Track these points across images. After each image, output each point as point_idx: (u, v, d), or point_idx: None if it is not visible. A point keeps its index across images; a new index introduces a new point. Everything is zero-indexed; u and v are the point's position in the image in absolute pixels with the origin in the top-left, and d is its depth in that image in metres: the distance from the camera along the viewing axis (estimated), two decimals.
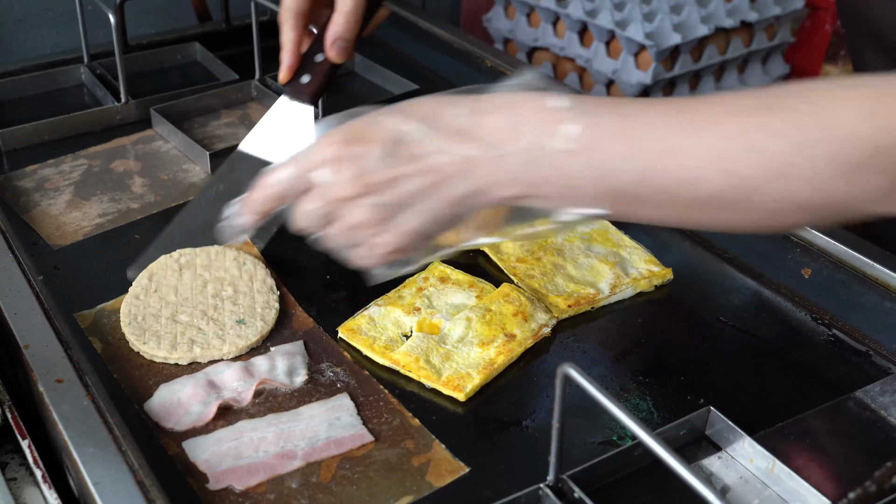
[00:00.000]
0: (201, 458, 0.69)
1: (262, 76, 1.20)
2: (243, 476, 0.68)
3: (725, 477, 0.67)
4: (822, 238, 0.87)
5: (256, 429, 0.71)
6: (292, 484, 0.67)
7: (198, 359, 0.77)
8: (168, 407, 0.73)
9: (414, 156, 0.65)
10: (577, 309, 0.84)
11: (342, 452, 0.70)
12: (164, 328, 0.79)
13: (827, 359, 0.81)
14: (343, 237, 0.69)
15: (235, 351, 0.78)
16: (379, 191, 0.65)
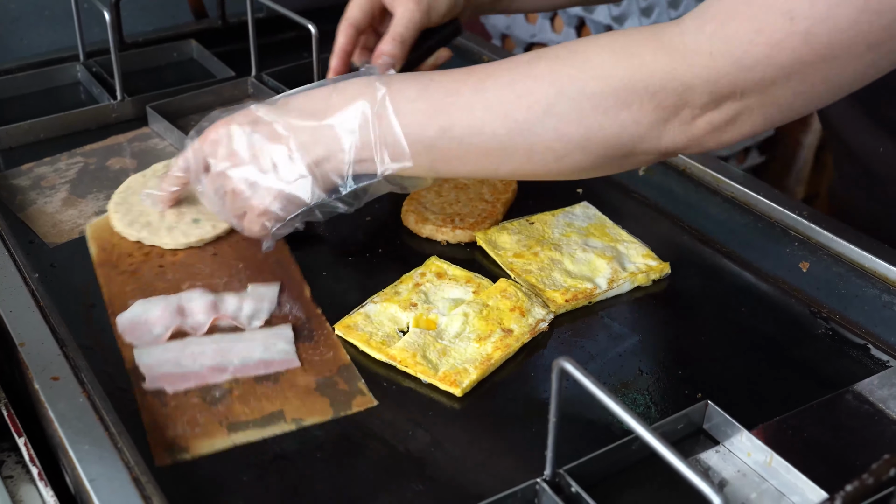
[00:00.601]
0: (145, 363, 0.76)
1: (258, 73, 1.20)
2: (176, 381, 0.75)
3: (723, 471, 0.67)
4: (820, 231, 0.87)
5: (200, 344, 0.78)
6: (216, 393, 0.74)
7: (143, 240, 0.89)
8: (136, 324, 0.80)
9: (270, 132, 0.78)
10: (574, 304, 0.83)
11: (268, 373, 0.76)
12: (135, 208, 0.91)
13: (825, 352, 0.81)
14: (231, 208, 0.82)
15: (173, 244, 0.88)
16: (243, 161, 0.79)
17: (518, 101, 0.70)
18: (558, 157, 0.71)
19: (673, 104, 0.66)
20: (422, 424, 0.72)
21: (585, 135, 0.69)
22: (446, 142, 0.73)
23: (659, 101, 0.66)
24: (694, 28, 0.66)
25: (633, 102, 0.67)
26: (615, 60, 0.67)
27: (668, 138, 0.68)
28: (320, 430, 0.71)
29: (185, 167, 0.85)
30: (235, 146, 0.80)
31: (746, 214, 0.92)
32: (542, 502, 0.63)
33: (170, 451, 0.69)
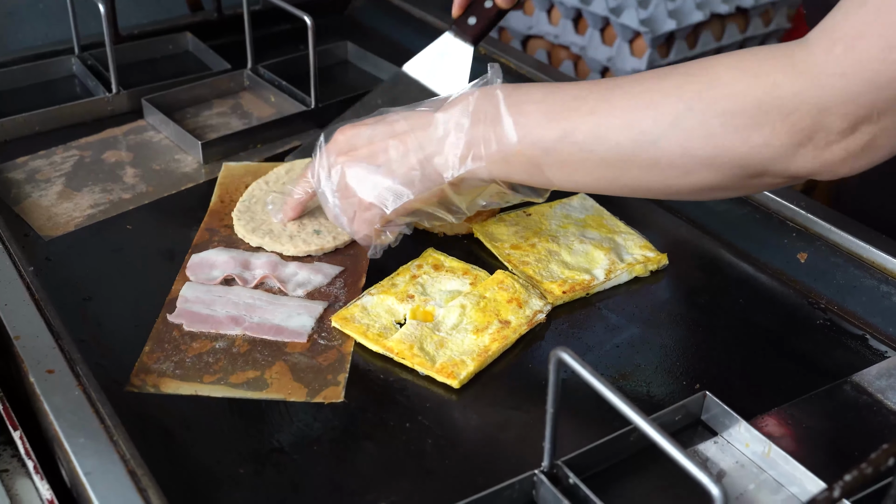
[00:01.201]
0: (185, 295, 0.82)
1: (254, 65, 1.19)
2: (194, 321, 0.80)
3: (721, 462, 0.67)
4: (818, 222, 0.87)
5: (238, 294, 0.83)
6: (218, 344, 0.78)
7: (265, 246, 0.89)
8: (203, 262, 0.86)
9: (392, 130, 0.79)
10: (571, 295, 0.83)
11: (275, 340, 0.78)
12: (258, 216, 0.92)
13: (823, 343, 0.81)
14: (343, 206, 0.81)
15: (294, 251, 0.88)
16: (360, 156, 0.80)
17: (644, 111, 0.68)
18: (682, 173, 0.69)
19: (808, 127, 0.63)
20: (419, 417, 0.72)
21: (713, 153, 0.66)
22: (566, 146, 0.71)
23: (793, 124, 0.63)
24: (822, 49, 0.62)
25: (766, 124, 0.64)
26: (747, 80, 0.65)
27: (799, 163, 0.65)
28: (317, 423, 0.71)
29: (311, 170, 0.85)
30: (355, 141, 0.80)
31: (744, 205, 0.92)
32: (540, 494, 0.63)
33: (144, 381, 0.74)
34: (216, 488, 0.66)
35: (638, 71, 1.50)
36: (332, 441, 0.70)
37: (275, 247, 0.89)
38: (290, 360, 0.76)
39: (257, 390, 0.73)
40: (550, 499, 0.62)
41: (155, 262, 0.88)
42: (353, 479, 0.67)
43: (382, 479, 0.67)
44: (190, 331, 0.79)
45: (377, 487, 0.66)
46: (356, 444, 0.69)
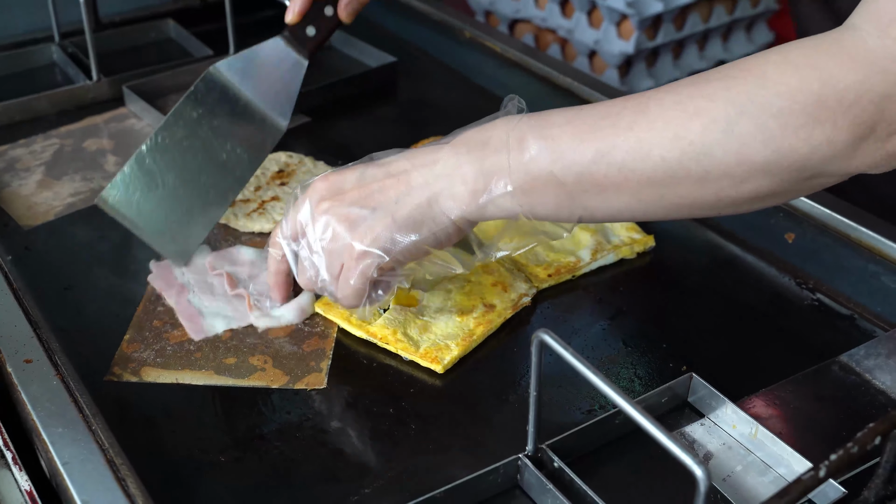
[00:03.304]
0: (195, 262, 0.84)
1: (236, 51, 1.18)
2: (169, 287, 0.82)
3: (708, 444, 0.66)
4: (806, 202, 0.86)
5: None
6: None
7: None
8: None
9: (386, 171, 0.70)
10: (557, 278, 0.82)
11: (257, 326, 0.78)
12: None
13: (811, 323, 0.80)
14: (328, 262, 0.71)
15: None
16: (351, 196, 0.70)
17: (691, 121, 0.62)
18: (736, 182, 0.62)
19: (870, 119, 0.59)
20: (403, 402, 0.71)
21: (771, 158, 0.61)
22: (603, 168, 0.64)
23: (855, 116, 0.59)
24: (876, 34, 0.59)
25: (827, 120, 0.59)
26: (800, 74, 0.60)
27: (860, 157, 0.61)
28: (300, 409, 0.70)
29: (281, 230, 0.75)
30: (341, 185, 0.71)
31: None
32: (525, 477, 0.62)
33: (124, 369, 0.73)
34: (197, 476, 0.65)
35: (625, 53, 1.49)
36: (314, 427, 0.69)
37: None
38: (272, 347, 0.75)
39: (239, 378, 0.72)
40: (535, 483, 0.61)
41: (136, 250, 0.87)
42: (335, 465, 0.66)
43: (366, 465, 0.66)
44: (171, 320, 0.78)
45: (361, 473, 0.65)
46: (339, 431, 0.69)
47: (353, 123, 1.10)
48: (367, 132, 1.09)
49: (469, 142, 0.68)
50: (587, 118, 0.65)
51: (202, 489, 0.64)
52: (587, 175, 0.64)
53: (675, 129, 0.62)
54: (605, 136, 0.64)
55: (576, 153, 0.64)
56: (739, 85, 0.61)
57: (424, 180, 0.68)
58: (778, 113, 0.60)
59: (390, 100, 1.17)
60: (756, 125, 0.60)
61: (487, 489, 0.62)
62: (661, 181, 0.63)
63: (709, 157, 0.62)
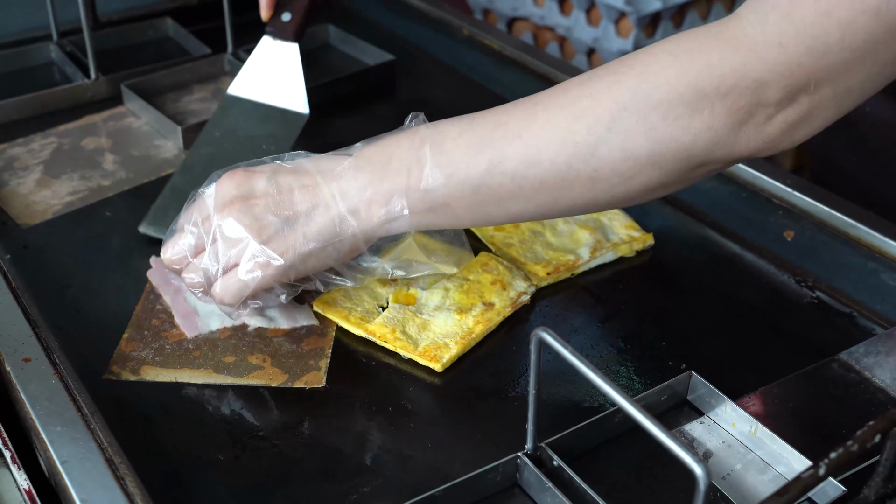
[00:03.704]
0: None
1: (234, 50, 1.18)
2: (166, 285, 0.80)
3: (708, 442, 0.66)
4: (805, 199, 0.86)
5: None
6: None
7: None
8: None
9: (298, 181, 0.70)
10: (556, 276, 0.82)
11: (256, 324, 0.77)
12: None
13: (811, 321, 0.80)
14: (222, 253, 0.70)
15: None
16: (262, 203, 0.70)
17: (576, 122, 0.63)
18: (625, 178, 0.64)
19: (747, 104, 0.61)
20: (402, 400, 0.71)
21: (655, 149, 0.63)
22: (497, 178, 0.66)
23: (732, 103, 0.61)
24: (756, 19, 0.60)
25: (705, 107, 0.61)
26: (678, 65, 0.62)
27: (742, 143, 0.63)
28: (299, 408, 0.70)
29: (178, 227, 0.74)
30: (250, 189, 0.70)
31: (730, 184, 0.91)
32: (524, 476, 0.62)
33: (123, 368, 0.73)
34: (196, 475, 0.65)
35: (624, 51, 1.49)
36: (313, 426, 0.69)
37: None
38: (271, 346, 0.75)
39: (238, 376, 0.72)
40: (534, 481, 0.61)
41: (134, 248, 0.87)
42: (334, 464, 0.66)
43: (364, 464, 0.66)
44: (170, 318, 0.78)
45: (359, 472, 0.65)
46: (338, 429, 0.69)
47: (351, 121, 1.10)
48: (364, 130, 1.07)
49: (371, 159, 0.69)
50: (479, 128, 0.67)
51: (201, 488, 0.64)
52: (483, 187, 0.66)
53: (562, 132, 0.64)
54: (496, 145, 0.66)
55: (469, 167, 0.66)
56: (623, 81, 0.63)
57: (332, 196, 0.69)
58: (657, 104, 0.62)
59: (388, 98, 1.17)
60: (637, 119, 0.62)
61: (486, 488, 0.62)
62: (554, 185, 0.65)
63: (596, 156, 0.64)
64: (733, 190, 0.91)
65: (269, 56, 0.95)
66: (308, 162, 0.72)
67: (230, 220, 0.70)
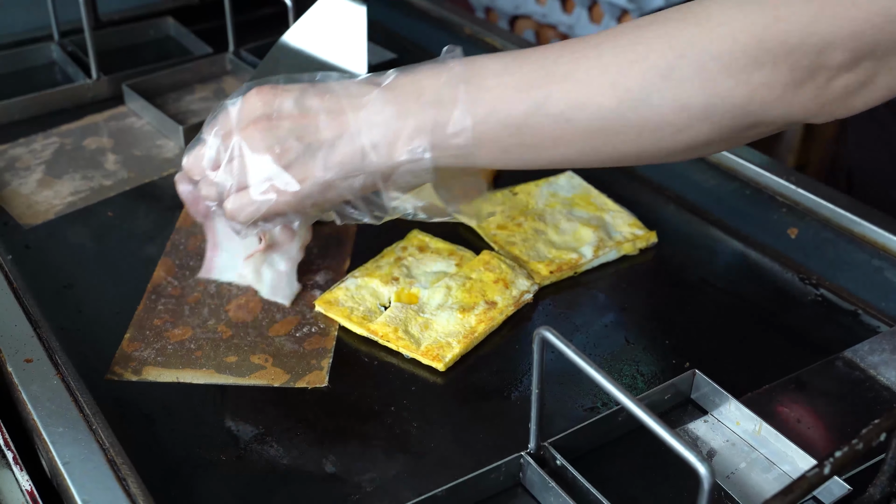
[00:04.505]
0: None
1: (236, 49, 1.18)
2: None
3: (712, 441, 0.66)
4: (809, 197, 0.85)
5: None
6: (200, 330, 0.77)
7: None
8: None
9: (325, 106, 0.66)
10: (559, 275, 0.82)
11: (260, 318, 0.78)
12: None
13: (815, 319, 0.80)
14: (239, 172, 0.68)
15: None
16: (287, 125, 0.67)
17: (630, 67, 0.60)
18: (676, 130, 0.61)
19: (810, 64, 0.57)
20: (405, 400, 0.71)
21: (710, 102, 0.59)
22: (540, 119, 0.62)
23: (795, 61, 0.57)
24: None
25: (767, 63, 0.58)
26: (744, 16, 0.58)
27: (798, 104, 0.59)
28: (301, 408, 0.70)
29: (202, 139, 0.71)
30: (277, 108, 0.67)
31: (733, 181, 0.91)
32: (527, 476, 0.62)
33: (125, 368, 0.73)
34: (198, 475, 0.65)
35: None
36: (315, 426, 0.69)
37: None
38: (273, 346, 0.75)
39: (240, 376, 0.72)
40: (537, 480, 0.61)
41: (136, 248, 0.87)
42: (337, 463, 0.66)
43: (366, 464, 0.65)
44: (172, 318, 0.78)
45: (361, 472, 0.65)
46: (340, 429, 0.68)
47: None
48: None
49: (401, 91, 0.65)
50: (524, 65, 0.63)
51: (203, 488, 0.64)
52: (525, 128, 0.63)
53: (614, 76, 0.61)
54: (543, 84, 0.62)
55: (511, 106, 0.63)
56: (681, 28, 0.60)
57: (358, 127, 0.66)
58: (718, 55, 0.58)
59: None
60: (695, 69, 0.59)
61: (489, 487, 0.62)
62: (599, 131, 0.62)
63: (647, 104, 0.60)
64: (737, 187, 0.91)
65: (332, 15, 0.89)
66: (338, 86, 0.68)
67: (252, 139, 0.67)
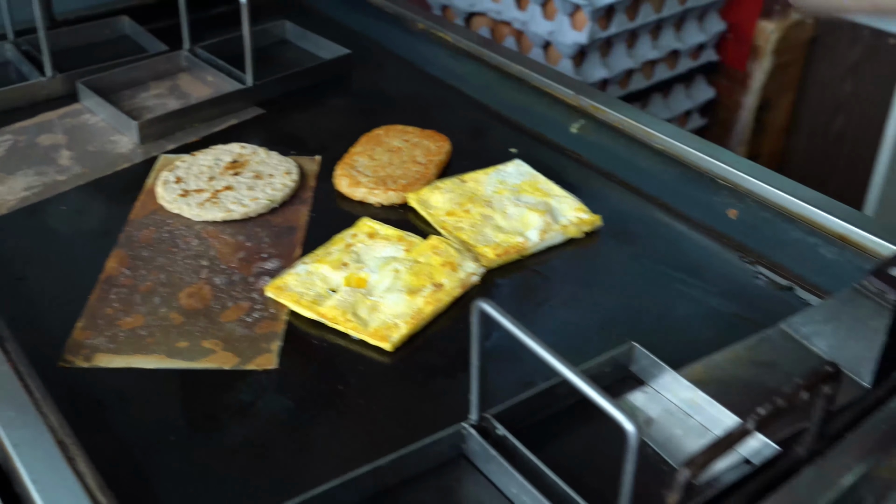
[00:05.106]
0: None
1: (191, 46, 1.19)
2: None
3: (650, 410, 0.68)
4: (747, 179, 0.88)
5: None
6: (152, 318, 0.78)
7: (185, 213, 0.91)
8: None
9: None
10: (506, 258, 0.84)
11: (210, 307, 0.79)
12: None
13: (753, 295, 0.82)
14: None
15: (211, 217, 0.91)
16: None
17: None
18: None
19: None
20: (353, 380, 0.72)
21: None
22: None
23: None
24: None
25: None
26: None
27: None
28: (251, 390, 0.71)
29: None
30: None
31: (677, 166, 0.93)
32: (470, 446, 0.63)
33: (77, 356, 0.74)
34: (148, 456, 0.66)
35: (579, 44, 1.51)
36: (265, 407, 0.70)
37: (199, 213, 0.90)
38: (223, 331, 0.76)
39: (191, 360, 0.73)
40: (479, 450, 0.63)
41: (89, 241, 0.88)
42: (285, 443, 0.67)
43: (316, 443, 0.67)
44: (124, 307, 0.79)
45: (310, 451, 0.66)
46: (289, 410, 0.70)
47: (307, 115, 1.11)
48: (319, 123, 1.10)
49: None
50: None
51: (153, 468, 0.65)
52: None
53: None
54: None
55: None
56: None
57: None
58: None
59: (344, 91, 1.18)
60: None
61: (434, 458, 0.63)
62: None
63: None
64: (680, 172, 0.93)
65: None
66: None
67: None
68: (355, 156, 0.97)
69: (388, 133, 1.02)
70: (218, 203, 0.91)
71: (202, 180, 0.94)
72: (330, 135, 1.06)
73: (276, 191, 0.92)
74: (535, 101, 1.07)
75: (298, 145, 1.03)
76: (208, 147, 1.00)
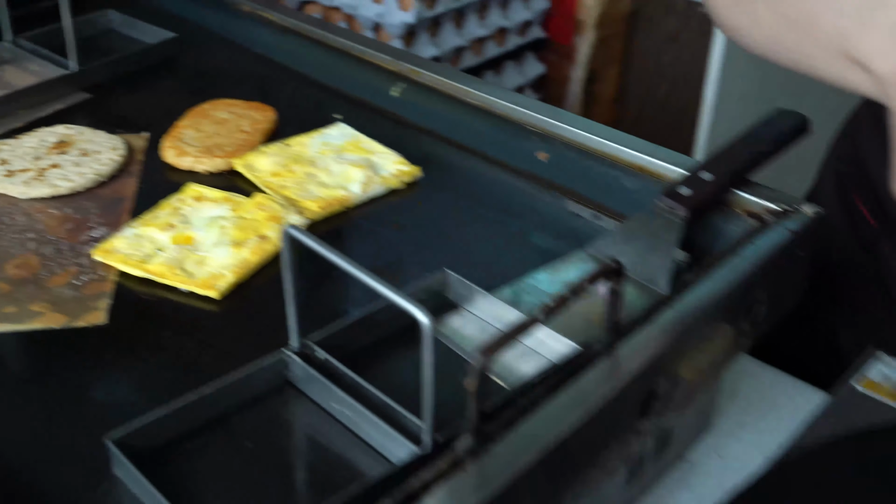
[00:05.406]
0: None
1: (14, 38, 1.18)
2: None
3: (465, 329, 0.72)
4: (553, 123, 0.94)
5: None
6: None
7: None
8: None
9: None
10: (329, 210, 0.87)
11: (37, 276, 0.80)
12: None
13: (562, 226, 0.88)
14: None
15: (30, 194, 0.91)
16: None
17: None
18: None
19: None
20: (183, 328, 0.74)
21: None
22: None
23: None
24: None
25: None
26: None
27: None
28: (83, 349, 0.72)
29: None
30: None
31: (490, 118, 0.98)
32: (293, 372, 0.67)
33: None
34: None
35: (407, 24, 1.56)
36: (96, 363, 0.71)
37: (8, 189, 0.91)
38: (51, 294, 0.77)
39: (18, 323, 0.74)
40: (302, 374, 0.66)
41: None
42: (119, 390, 0.69)
43: (146, 383, 0.69)
44: None
45: (142, 390, 0.68)
46: (122, 363, 0.71)
47: (134, 97, 1.12)
48: (147, 103, 1.11)
49: None
50: None
51: None
52: None
53: None
54: None
55: None
56: None
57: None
58: None
59: (171, 73, 1.19)
60: None
61: (260, 385, 0.66)
62: None
63: None
64: (494, 123, 0.98)
65: None
66: None
67: None
68: (182, 129, 0.99)
69: (215, 107, 1.04)
70: (44, 180, 0.91)
71: (27, 160, 0.94)
72: (158, 114, 1.07)
73: (103, 165, 0.94)
74: (358, 71, 1.11)
75: (126, 125, 1.05)
76: (33, 130, 1.00)
